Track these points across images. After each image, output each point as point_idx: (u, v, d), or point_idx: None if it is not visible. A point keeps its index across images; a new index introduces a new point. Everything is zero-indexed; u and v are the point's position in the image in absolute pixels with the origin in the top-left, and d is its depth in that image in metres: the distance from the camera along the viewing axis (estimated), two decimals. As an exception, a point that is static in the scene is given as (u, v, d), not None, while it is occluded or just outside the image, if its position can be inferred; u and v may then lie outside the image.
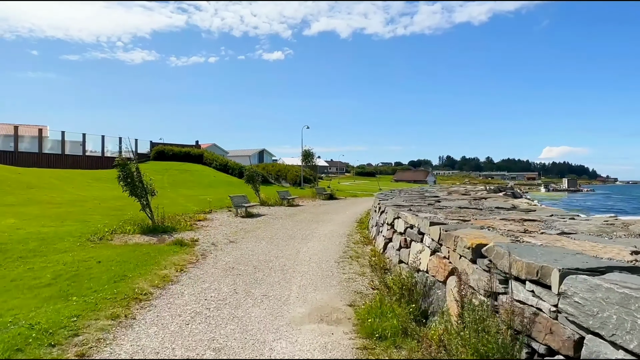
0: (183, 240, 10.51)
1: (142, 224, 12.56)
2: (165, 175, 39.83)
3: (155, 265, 7.98)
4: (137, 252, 9.17)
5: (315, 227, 14.43)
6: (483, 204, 11.98)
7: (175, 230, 12.57)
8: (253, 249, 10.09)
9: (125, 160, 12.95)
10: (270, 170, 51.89)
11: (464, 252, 4.62)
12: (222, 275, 7.51)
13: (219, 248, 10.11)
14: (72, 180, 32.36)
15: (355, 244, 11.23)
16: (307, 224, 15.46)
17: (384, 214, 10.26)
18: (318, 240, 11.67)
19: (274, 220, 16.45)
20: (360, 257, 9.50)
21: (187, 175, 41.80)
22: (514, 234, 5.14)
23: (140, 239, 11.15)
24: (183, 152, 48.83)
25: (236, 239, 11.58)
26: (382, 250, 9.54)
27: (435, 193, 18.19)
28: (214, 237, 11.77)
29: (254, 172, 24.10)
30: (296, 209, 21.82)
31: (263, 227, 14.27)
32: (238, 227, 13.87)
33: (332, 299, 6.25)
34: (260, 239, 11.62)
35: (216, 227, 13.72)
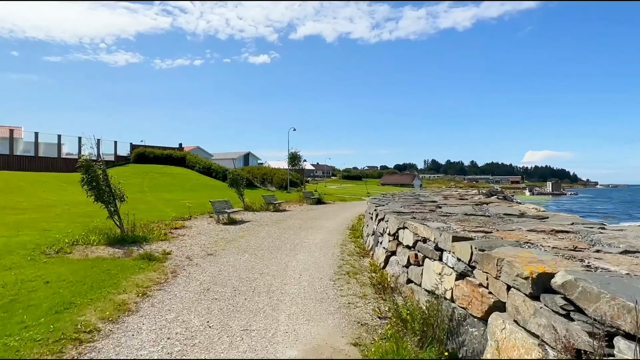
0: (153, 253, 9.09)
1: (109, 234, 11.08)
2: (145, 179, 38.11)
3: (114, 287, 6.58)
4: (95, 269, 7.73)
5: (305, 236, 13.11)
6: (488, 209, 10.86)
7: (146, 240, 11.12)
8: (234, 264, 8.72)
9: (90, 161, 11.44)
10: (255, 173, 50.36)
11: (516, 283, 3.38)
12: (195, 300, 6.14)
13: (194, 263, 8.71)
14: (44, 183, 30.43)
15: (351, 256, 9.95)
16: (296, 231, 14.13)
17: (384, 223, 9.03)
18: (308, 252, 10.37)
19: (259, 227, 15.08)
20: (359, 272, 8.22)
21: (169, 178, 40.09)
22: (570, 255, 3.94)
23: (104, 251, 9.69)
24: (165, 154, 47.01)
25: (215, 250, 10.20)
26: (382, 264, 8.29)
27: (431, 197, 17.06)
28: (190, 248, 10.36)
29: (238, 176, 22.67)
30: (283, 214, 20.47)
31: (247, 235, 12.90)
32: (218, 236, 12.47)
33: (330, 334, 4.95)
34: (242, 251, 10.25)
35: (194, 237, 12.30)
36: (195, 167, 45.69)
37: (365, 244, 11.51)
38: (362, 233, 13.24)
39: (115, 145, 46.11)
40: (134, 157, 45.89)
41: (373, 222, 10.83)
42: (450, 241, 4.94)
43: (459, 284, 4.50)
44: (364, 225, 14.31)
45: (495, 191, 37.45)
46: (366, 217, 13.75)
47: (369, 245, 10.89)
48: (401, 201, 13.95)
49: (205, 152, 76.74)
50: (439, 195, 19.78)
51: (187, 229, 13.77)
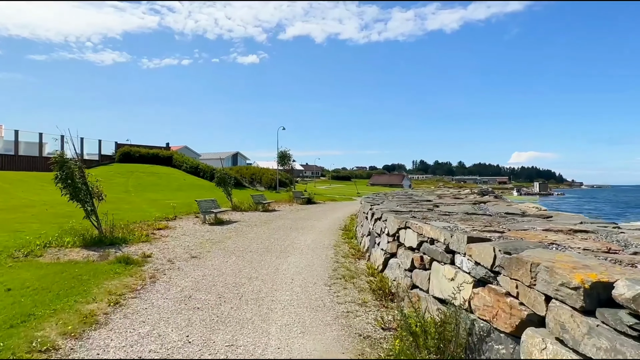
0: (131, 256, 8.33)
1: (85, 235, 10.29)
2: (130, 178, 37.10)
3: (83, 295, 5.84)
4: (65, 274, 6.98)
5: (296, 237, 12.45)
6: (488, 209, 10.34)
7: (126, 242, 10.36)
8: (220, 267, 8.02)
9: (65, 157, 10.64)
10: (244, 173, 49.52)
11: (560, 294, 2.77)
12: (174, 310, 5.44)
13: (176, 266, 7.99)
14: (23, 183, 29.28)
15: (345, 258, 9.31)
16: (286, 232, 13.46)
17: (381, 222, 8.42)
18: (300, 254, 9.71)
19: (248, 228, 14.36)
20: (355, 276, 7.59)
21: (155, 178, 39.10)
22: (614, 259, 3.36)
23: (78, 254, 8.90)
24: (151, 153, 45.90)
25: (200, 252, 9.47)
26: (381, 267, 7.66)
27: (425, 197, 16.52)
28: (173, 250, 9.62)
29: (226, 175, 21.91)
30: (272, 214, 19.77)
31: (234, 236, 12.18)
32: (204, 237, 11.73)
33: (329, 349, 4.31)
34: (229, 253, 9.55)
35: (178, 238, 11.55)
36: (182, 167, 44.70)
37: (360, 245, 10.89)
38: (356, 233, 12.62)
39: (99, 145, 44.88)
40: (119, 157, 44.71)
41: (368, 222, 10.22)
42: (465, 242, 4.34)
43: (479, 293, 3.88)
44: (357, 225, 13.70)
45: (486, 191, 37.24)
46: (360, 217, 13.14)
47: (364, 246, 10.26)
48: (396, 200, 13.37)
49: (193, 151, 75.57)
50: (433, 195, 19.27)
51: (171, 230, 13.00)
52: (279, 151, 39.21)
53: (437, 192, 25.39)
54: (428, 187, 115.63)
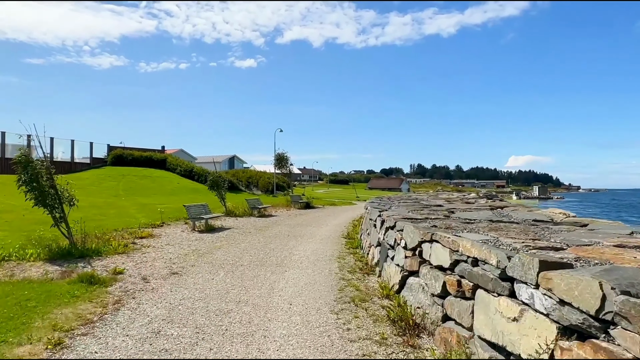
0: (96, 274, 6.96)
1: (52, 246, 8.95)
2: (122, 182, 35.75)
3: (19, 330, 4.51)
4: (9, 299, 5.63)
5: (294, 246, 11.12)
6: (511, 215, 9.11)
7: (99, 254, 9.01)
8: (203, 287, 6.68)
9: (29, 157, 9.31)
10: (240, 176, 48.19)
11: None
12: (133, 353, 4.11)
13: (151, 286, 6.64)
14: (5, 186, 27.84)
15: (352, 273, 7.99)
16: (283, 240, 12.13)
17: (395, 232, 7.12)
18: (299, 268, 8.38)
19: (241, 235, 13.02)
20: (367, 298, 6.27)
21: (148, 181, 37.75)
22: None
23: (38, 269, 7.56)
24: (144, 156, 44.52)
25: (183, 267, 8.13)
26: (397, 287, 6.35)
27: (434, 201, 15.25)
28: (151, 265, 8.27)
29: (219, 177, 20.56)
30: (269, 220, 18.43)
31: (225, 246, 10.84)
32: (190, 248, 10.39)
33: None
34: (217, 267, 8.21)
35: (160, 248, 10.20)
36: (176, 170, 43.31)
37: (368, 256, 9.57)
38: (362, 243, 11.31)
39: (91, 147, 43.49)
40: (112, 159, 43.35)
41: (377, 231, 8.91)
42: (537, 269, 3.05)
43: (573, 349, 2.58)
44: (362, 232, 12.38)
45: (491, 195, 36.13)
46: (365, 224, 11.82)
47: (373, 258, 8.94)
48: (404, 205, 12.09)
49: (189, 154, 74.19)
50: (440, 199, 17.99)
51: (155, 239, 11.65)
52: (276, 153, 37.88)
53: (442, 196, 24.13)
54: (427, 190, 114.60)
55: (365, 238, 10.93)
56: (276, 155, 37.74)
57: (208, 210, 15.48)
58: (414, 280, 5.85)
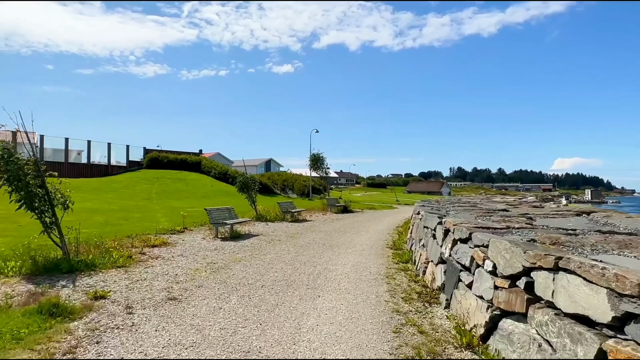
0: (62, 302, 5.20)
1: (37, 258, 7.41)
2: (156, 185, 35.11)
3: None
4: None
5: (330, 258, 9.15)
6: (614, 223, 6.83)
7: (93, 267, 7.39)
8: (203, 324, 4.81)
9: (11, 150, 7.85)
10: (275, 179, 46.86)
11: None
12: None
13: (130, 322, 4.83)
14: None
15: (408, 302, 5.91)
16: (317, 250, 10.19)
17: (470, 247, 5.03)
18: (336, 291, 6.40)
19: (268, 244, 11.19)
20: (437, 349, 4.19)
21: (181, 184, 36.94)
22: None
23: (10, 288, 5.98)
24: (179, 159, 43.98)
25: (186, 289, 6.32)
26: (482, 331, 4.26)
27: (494, 205, 12.89)
28: (149, 285, 6.51)
29: (250, 179, 18.92)
30: (302, 225, 16.56)
31: (247, 258, 9.02)
32: (206, 260, 8.63)
33: None
34: (230, 289, 6.35)
35: (170, 260, 8.50)
36: (210, 173, 42.45)
37: (425, 275, 7.43)
38: (413, 256, 9.17)
39: (127, 150, 43.42)
40: (147, 162, 43.04)
41: (439, 243, 6.80)
42: None
43: None
44: (412, 242, 10.23)
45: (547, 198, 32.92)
46: (417, 231, 9.65)
47: (433, 279, 6.80)
48: (462, 209, 9.89)
49: (226, 158, 74.01)
50: (497, 203, 15.52)
51: (169, 247, 10.01)
52: (312, 154, 36.01)
53: (495, 199, 21.45)
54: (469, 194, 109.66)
55: (418, 250, 8.78)
56: (311, 156, 35.85)
57: (233, 215, 13.77)
58: (515, 326, 3.74)
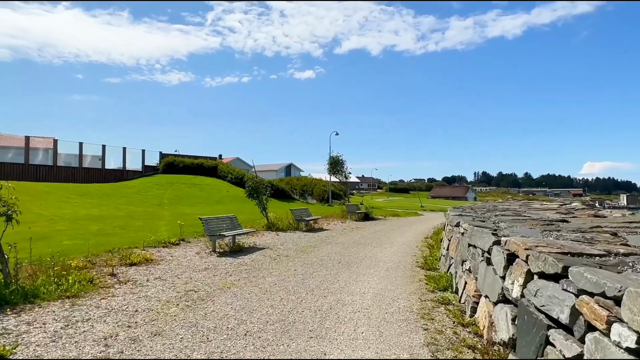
0: None
1: (-35, 284, 5.69)
2: (169, 190, 33.82)
3: None
4: None
5: (346, 284, 7.17)
6: None
7: (33, 298, 5.62)
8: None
9: None
10: (294, 184, 45.06)
11: None
12: None
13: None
14: (46, 195, 26.50)
15: (457, 351, 3.88)
16: (331, 271, 8.23)
17: (589, 303, 3.00)
18: (352, 342, 4.42)
19: (272, 262, 9.28)
20: None
21: (196, 189, 35.57)
22: None
23: None
24: (195, 163, 42.72)
25: (133, 341, 4.41)
26: None
27: (541, 214, 10.69)
28: (86, 332, 4.64)
29: (260, 183, 17.10)
30: (317, 236, 14.60)
31: (240, 283, 7.13)
32: (187, 287, 6.77)
33: None
34: (197, 342, 4.45)
35: (142, 286, 6.67)
36: (227, 178, 40.97)
37: (474, 316, 5.37)
38: (454, 282, 7.07)
39: (143, 155, 42.40)
40: (163, 167, 41.95)
41: (496, 271, 4.75)
42: None
43: None
44: (450, 261, 8.12)
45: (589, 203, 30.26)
46: (459, 250, 7.55)
47: (487, 324, 4.74)
48: (511, 220, 7.77)
49: (245, 163, 72.76)
50: (540, 210, 13.19)
51: (150, 266, 8.21)
52: (330, 157, 33.98)
53: (535, 205, 19.00)
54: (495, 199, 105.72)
55: (461, 275, 6.68)
56: (330, 159, 33.81)
57: (236, 224, 11.92)
58: None
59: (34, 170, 34.01)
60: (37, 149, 35.81)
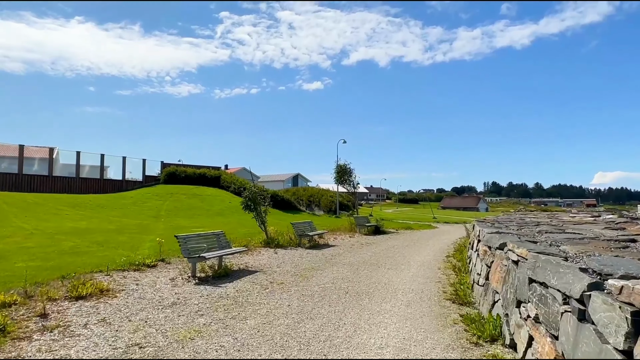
0: None
1: None
2: (168, 201, 32.13)
3: None
4: None
5: (354, 331, 5.24)
6: None
7: None
8: None
9: None
10: (301, 195, 43.20)
11: None
12: None
13: None
14: (38, 206, 24.95)
15: None
16: (334, 308, 6.30)
17: None
18: None
19: (263, 292, 7.36)
20: None
21: (196, 200, 33.85)
22: None
23: None
24: (197, 173, 41.10)
25: None
26: None
27: (586, 227, 8.68)
28: None
29: (257, 193, 15.24)
30: (321, 254, 12.66)
31: (210, 331, 5.22)
32: (138, 335, 4.89)
33: None
34: None
35: (69, 337, 4.79)
36: (230, 188, 39.22)
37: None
38: (509, 331, 5.07)
39: (143, 164, 40.93)
40: (164, 177, 40.37)
41: (595, 331, 2.81)
42: None
43: None
44: (493, 295, 6.13)
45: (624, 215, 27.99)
46: (510, 283, 5.57)
47: None
48: (566, 239, 5.80)
49: (251, 173, 71.26)
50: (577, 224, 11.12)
51: (102, 300, 6.36)
52: (338, 165, 32.01)
53: (564, 218, 16.93)
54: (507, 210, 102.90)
55: (518, 322, 4.71)
56: (337, 167, 31.84)
57: (223, 243, 10.04)
58: None
59: (27, 181, 32.55)
60: (32, 158, 34.49)
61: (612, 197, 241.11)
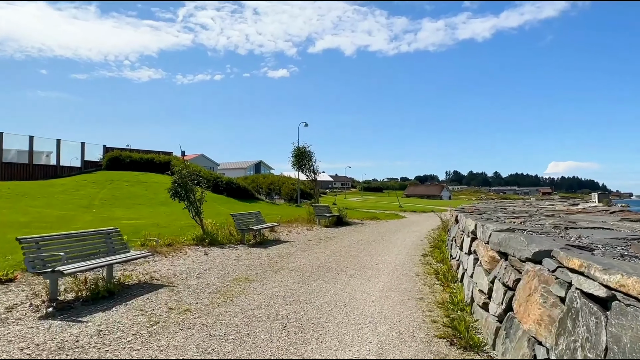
0: None
1: None
2: (106, 189, 28.26)
3: None
4: None
5: None
6: None
7: None
8: None
9: None
10: (260, 182, 40.14)
11: None
12: None
13: None
14: None
15: None
16: (269, 350, 3.57)
17: None
18: None
19: (141, 336, 4.53)
20: None
21: (140, 188, 30.07)
22: None
23: None
24: (145, 159, 37.09)
25: None
26: None
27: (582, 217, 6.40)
28: None
29: (188, 176, 12.23)
30: (267, 253, 9.85)
31: None
32: None
33: None
34: None
35: None
36: (180, 175, 35.58)
37: None
38: None
39: (82, 148, 36.41)
40: (107, 163, 36.15)
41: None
42: None
43: None
44: (524, 336, 3.59)
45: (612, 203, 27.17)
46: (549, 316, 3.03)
47: None
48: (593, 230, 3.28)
49: (211, 160, 67.18)
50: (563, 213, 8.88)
51: None
52: (296, 147, 29.00)
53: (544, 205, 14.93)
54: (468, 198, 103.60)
55: None
56: (295, 150, 28.81)
57: (114, 246, 6.96)
58: None
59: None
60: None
61: (565, 186, 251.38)
